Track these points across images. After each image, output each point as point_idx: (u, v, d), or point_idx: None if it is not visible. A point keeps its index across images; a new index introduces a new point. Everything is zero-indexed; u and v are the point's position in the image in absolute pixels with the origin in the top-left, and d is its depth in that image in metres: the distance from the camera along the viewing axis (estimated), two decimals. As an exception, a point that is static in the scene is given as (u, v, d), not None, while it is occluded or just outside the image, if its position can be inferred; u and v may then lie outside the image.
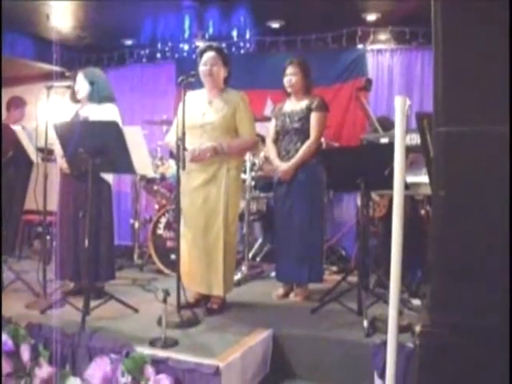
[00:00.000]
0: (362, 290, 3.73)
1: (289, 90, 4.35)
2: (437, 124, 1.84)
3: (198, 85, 3.97)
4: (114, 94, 4.31)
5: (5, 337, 3.21)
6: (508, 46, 1.79)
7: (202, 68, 3.87)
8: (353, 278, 4.13)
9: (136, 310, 3.80)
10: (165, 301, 3.14)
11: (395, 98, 2.47)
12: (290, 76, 4.30)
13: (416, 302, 3.98)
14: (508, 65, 1.77)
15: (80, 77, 4.20)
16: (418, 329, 1.91)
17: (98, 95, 4.16)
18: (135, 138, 3.36)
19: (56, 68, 6.77)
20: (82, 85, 4.18)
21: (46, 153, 4.07)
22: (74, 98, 4.30)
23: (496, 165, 1.75)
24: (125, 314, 3.75)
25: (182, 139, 3.42)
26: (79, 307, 3.47)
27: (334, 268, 5.52)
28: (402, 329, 2.87)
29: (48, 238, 4.61)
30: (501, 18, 1.80)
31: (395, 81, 6.32)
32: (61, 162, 4.02)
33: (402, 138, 2.39)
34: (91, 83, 4.16)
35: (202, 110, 3.87)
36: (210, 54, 3.88)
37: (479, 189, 1.77)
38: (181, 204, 3.72)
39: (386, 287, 2.58)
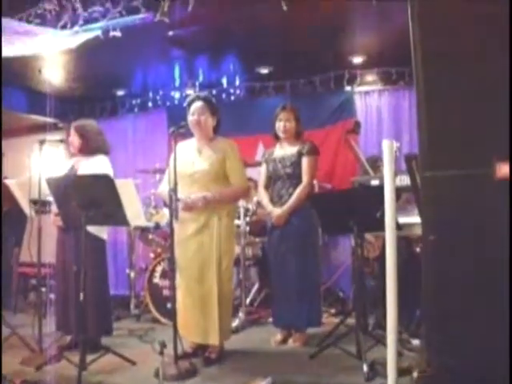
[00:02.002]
0: (360, 333, 3.70)
1: (282, 135, 4.39)
2: (423, 169, 1.87)
3: (190, 133, 4.02)
4: (106, 144, 4.35)
5: (0, 395, 3.16)
6: (491, 88, 1.83)
7: (190, 118, 3.93)
8: (351, 320, 4.09)
9: (133, 363, 3.75)
10: (161, 353, 3.11)
11: (383, 142, 2.51)
12: (284, 121, 4.35)
13: (416, 342, 3.94)
14: (492, 106, 1.81)
15: (72, 130, 4.26)
16: (415, 374, 1.90)
17: (88, 148, 4.21)
18: (127, 191, 3.39)
19: (49, 120, 6.85)
20: (73, 138, 4.24)
21: (40, 205, 4.09)
22: (69, 152, 4.35)
23: (483, 207, 1.77)
24: (122, 366, 3.70)
25: (174, 190, 3.45)
26: (76, 362, 3.43)
27: (332, 310, 5.48)
28: (402, 371, 2.83)
29: (43, 290, 4.57)
30: (486, 63, 1.85)
31: (384, 121, 6.38)
32: (54, 218, 4.04)
33: (391, 181, 2.42)
34: (81, 136, 4.21)
35: (191, 159, 3.91)
36: (197, 104, 3.94)
37: (468, 231, 1.79)
38: (175, 253, 3.72)
39: (386, 329, 2.56)
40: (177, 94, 7.19)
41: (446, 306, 1.78)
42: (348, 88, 6.46)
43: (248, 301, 5.38)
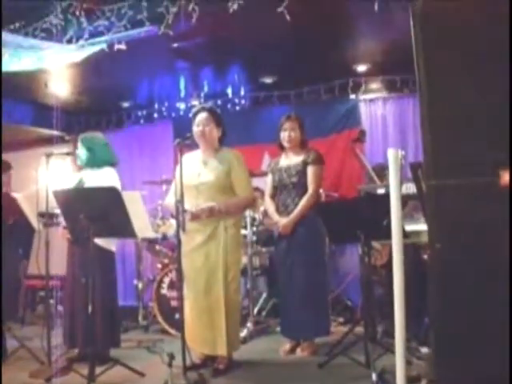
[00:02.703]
0: (368, 342, 3.68)
1: (287, 144, 4.39)
2: (428, 177, 1.87)
3: (196, 145, 4.03)
4: (113, 156, 4.37)
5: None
6: (494, 97, 1.83)
7: (195, 129, 3.94)
8: (360, 329, 4.09)
9: (142, 374, 3.75)
10: (170, 364, 3.11)
11: (388, 151, 2.51)
12: (289, 131, 4.35)
13: (425, 350, 3.91)
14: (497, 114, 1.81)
15: (79, 143, 4.29)
16: (424, 383, 1.90)
17: (95, 160, 4.24)
18: (135, 203, 3.40)
19: (56, 133, 6.89)
20: (80, 151, 4.27)
21: (48, 218, 4.11)
22: (76, 164, 4.37)
23: (488, 215, 1.77)
24: (131, 378, 3.70)
25: (180, 201, 3.45)
26: (84, 374, 3.43)
27: (341, 319, 5.46)
28: (412, 379, 2.83)
29: (52, 302, 4.58)
30: (490, 70, 1.85)
31: (389, 128, 6.39)
32: (63, 231, 4.05)
33: (396, 189, 2.42)
34: (88, 149, 4.23)
35: (197, 171, 3.92)
36: (202, 115, 3.96)
37: (473, 239, 1.78)
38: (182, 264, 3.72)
39: (394, 337, 2.55)
40: (182, 105, 7.21)
41: (453, 314, 1.78)
42: (353, 96, 6.47)
43: (256, 310, 5.37)
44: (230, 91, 6.83)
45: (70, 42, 4.69)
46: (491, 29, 1.89)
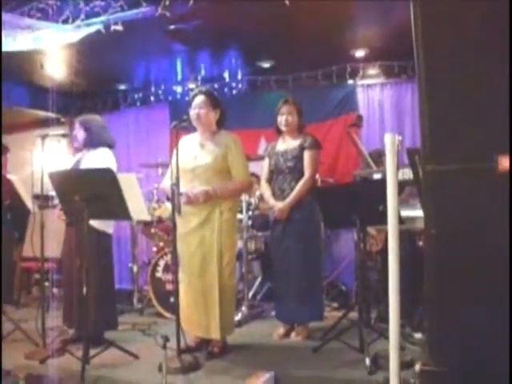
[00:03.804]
0: (362, 327, 3.70)
1: (284, 128, 4.37)
2: (424, 163, 1.87)
3: (194, 128, 4.01)
4: (110, 138, 4.36)
5: (4, 390, 3.18)
6: (493, 82, 1.82)
7: (191, 112, 3.92)
8: (354, 314, 4.10)
9: (136, 357, 3.76)
10: (164, 347, 3.12)
11: (385, 136, 2.49)
12: (287, 115, 4.34)
13: (418, 335, 3.94)
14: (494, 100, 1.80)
15: (76, 124, 4.27)
16: (417, 367, 1.90)
17: (92, 141, 4.22)
18: (130, 186, 3.39)
19: (51, 114, 6.85)
20: (77, 132, 4.25)
21: (42, 200, 4.09)
22: (72, 146, 4.35)
23: (485, 200, 1.77)
24: (125, 360, 3.72)
25: (176, 184, 3.44)
26: (79, 356, 3.43)
27: (335, 304, 5.48)
28: (405, 364, 2.84)
29: (47, 284, 4.58)
30: (488, 56, 1.84)
31: (386, 114, 6.37)
32: (59, 213, 4.04)
33: (393, 175, 2.41)
34: (86, 130, 4.22)
35: (194, 154, 3.90)
36: (199, 98, 3.93)
37: (469, 225, 1.78)
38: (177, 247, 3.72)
39: (388, 322, 2.56)
40: (179, 89, 7.18)
41: (447, 300, 1.78)
42: (350, 81, 6.45)
43: (251, 295, 5.39)
44: (227, 75, 6.79)
45: (66, 22, 4.64)
46: (491, 16, 1.88)
